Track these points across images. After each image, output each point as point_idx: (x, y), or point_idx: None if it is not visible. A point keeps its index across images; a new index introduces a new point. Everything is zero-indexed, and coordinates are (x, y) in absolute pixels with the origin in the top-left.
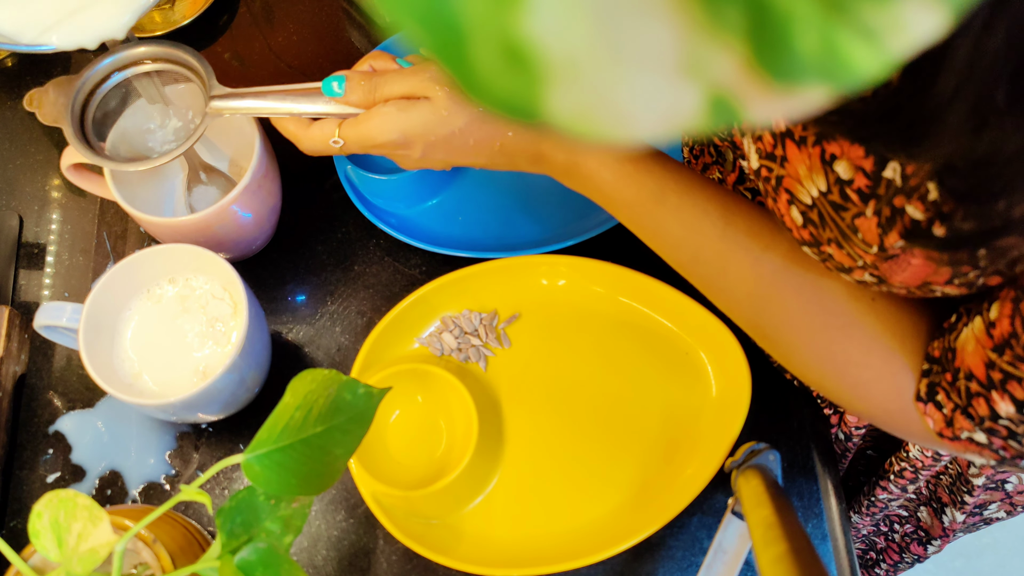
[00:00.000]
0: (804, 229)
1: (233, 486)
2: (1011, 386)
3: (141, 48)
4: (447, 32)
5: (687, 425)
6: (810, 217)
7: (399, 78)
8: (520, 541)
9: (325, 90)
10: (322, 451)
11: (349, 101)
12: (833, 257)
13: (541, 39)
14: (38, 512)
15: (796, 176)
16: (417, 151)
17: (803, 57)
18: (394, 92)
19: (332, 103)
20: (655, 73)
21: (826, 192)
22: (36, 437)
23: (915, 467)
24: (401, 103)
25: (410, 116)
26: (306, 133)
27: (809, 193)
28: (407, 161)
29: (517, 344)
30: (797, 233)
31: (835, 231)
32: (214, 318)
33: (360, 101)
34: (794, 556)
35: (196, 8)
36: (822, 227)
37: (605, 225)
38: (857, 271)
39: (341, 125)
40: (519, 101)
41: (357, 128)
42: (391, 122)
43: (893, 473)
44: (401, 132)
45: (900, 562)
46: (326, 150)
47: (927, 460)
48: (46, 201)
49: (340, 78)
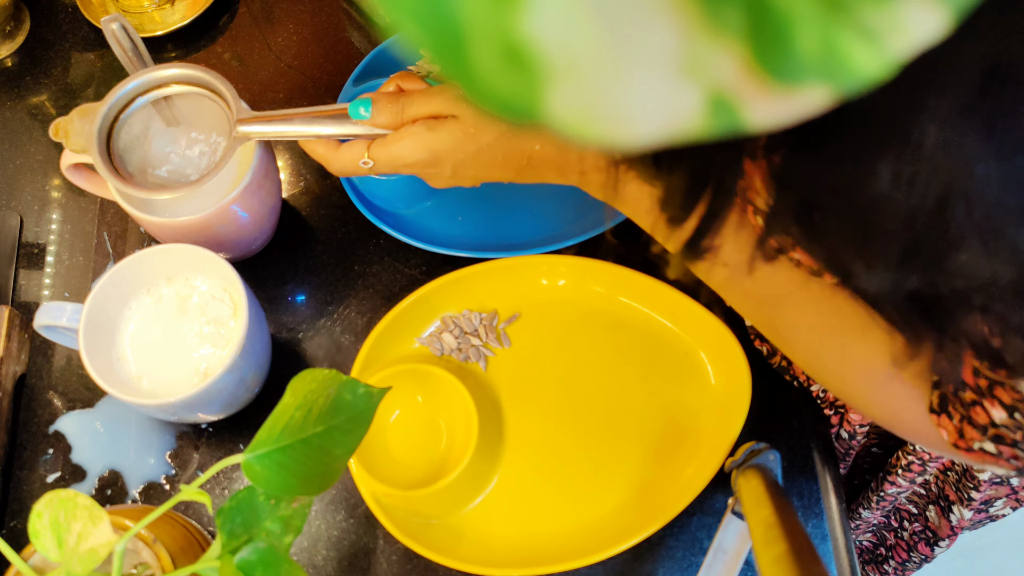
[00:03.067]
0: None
1: (233, 486)
2: (998, 391)
3: (165, 72)
4: (446, 33)
5: (687, 425)
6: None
7: (425, 98)
8: (520, 541)
9: (352, 114)
10: (322, 451)
11: (377, 123)
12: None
13: (541, 40)
14: (38, 512)
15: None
16: (447, 169)
17: (803, 57)
18: (421, 112)
19: (360, 125)
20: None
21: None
22: (36, 437)
23: (923, 460)
24: (429, 123)
25: (439, 135)
26: (335, 155)
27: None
28: (438, 180)
29: (517, 344)
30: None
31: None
32: (214, 318)
33: (388, 123)
34: (794, 556)
35: (196, 8)
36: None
37: (605, 225)
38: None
39: (370, 146)
40: (519, 102)
41: (387, 149)
42: (420, 142)
43: (901, 467)
44: (431, 151)
45: (908, 561)
46: (356, 172)
47: (934, 453)
48: (46, 201)
49: (367, 102)
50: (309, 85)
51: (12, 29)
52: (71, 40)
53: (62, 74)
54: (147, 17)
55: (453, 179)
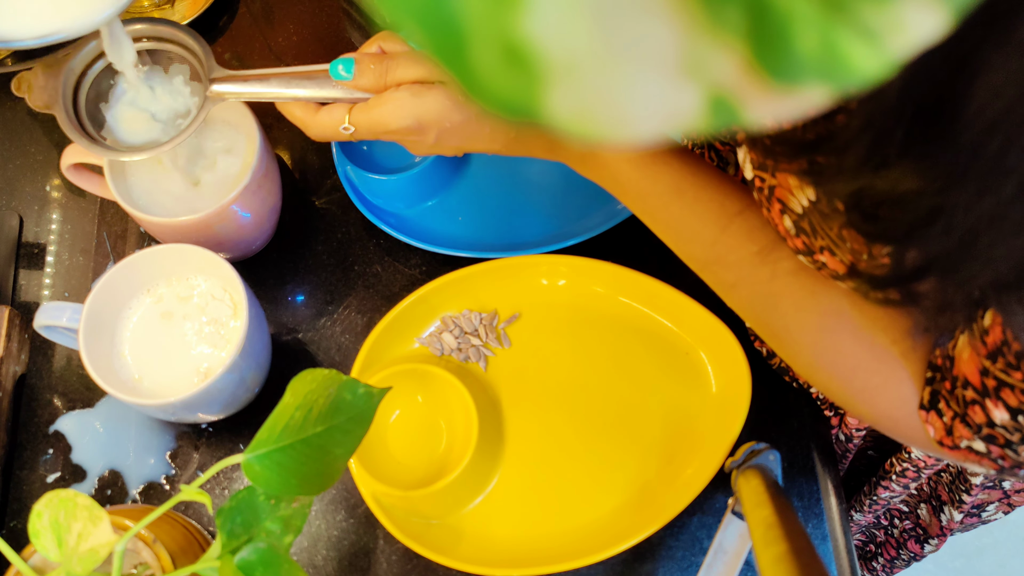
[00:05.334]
0: (797, 238)
1: (233, 486)
2: (1004, 393)
3: (135, 26)
4: (447, 32)
5: (687, 425)
6: (801, 226)
7: (412, 62)
8: (520, 541)
9: (332, 73)
10: (322, 451)
11: (358, 85)
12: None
13: (541, 39)
14: (38, 512)
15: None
16: (431, 137)
17: (803, 57)
18: (407, 76)
19: (340, 87)
20: (655, 73)
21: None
22: (36, 437)
23: (917, 467)
24: (414, 88)
25: (424, 102)
26: (314, 119)
27: (799, 203)
28: (420, 147)
29: (517, 344)
30: (791, 242)
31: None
32: (214, 318)
33: (370, 85)
34: (794, 556)
35: (196, 8)
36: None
37: (605, 225)
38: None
39: (351, 110)
40: (519, 101)
41: (369, 114)
42: (405, 108)
43: (895, 473)
44: (415, 118)
45: (896, 558)
46: (335, 136)
47: (929, 460)
48: (46, 201)
49: (348, 61)
50: None
51: None
52: None
53: None
54: None
55: (435, 148)
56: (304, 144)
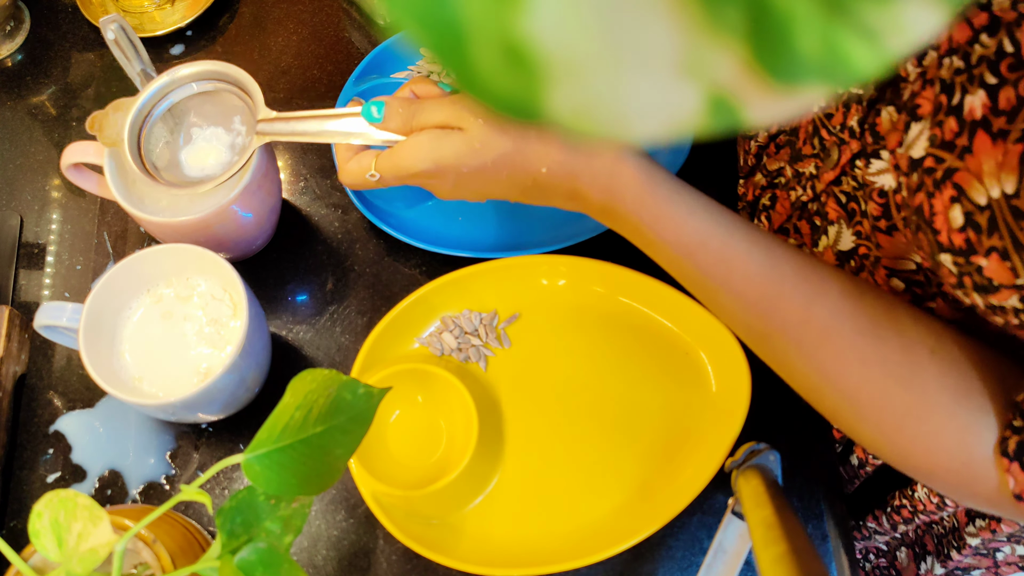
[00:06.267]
0: (960, 233)
1: (233, 486)
2: None
3: (195, 68)
4: (447, 32)
5: (687, 425)
6: (976, 220)
7: (436, 106)
8: (520, 541)
9: (364, 114)
10: (322, 451)
11: (387, 127)
12: (982, 271)
13: (541, 39)
14: (38, 512)
15: (977, 171)
16: (449, 182)
17: (803, 57)
18: (430, 121)
19: (372, 128)
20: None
21: (1012, 195)
22: (36, 437)
23: (915, 508)
24: (435, 132)
25: (442, 145)
26: (345, 166)
27: (988, 193)
28: (441, 191)
29: (517, 344)
30: (946, 236)
31: (1006, 239)
32: (214, 318)
33: (398, 127)
34: (794, 556)
35: (196, 8)
36: (988, 233)
37: (605, 226)
38: (1004, 292)
39: (377, 158)
40: (520, 101)
41: (391, 158)
42: (424, 151)
43: (891, 507)
44: (433, 162)
45: None
46: (364, 184)
47: (930, 505)
48: (46, 201)
49: (380, 104)
50: (309, 85)
51: (12, 29)
52: (71, 40)
53: (62, 74)
54: (147, 17)
55: (455, 192)
56: (304, 144)
